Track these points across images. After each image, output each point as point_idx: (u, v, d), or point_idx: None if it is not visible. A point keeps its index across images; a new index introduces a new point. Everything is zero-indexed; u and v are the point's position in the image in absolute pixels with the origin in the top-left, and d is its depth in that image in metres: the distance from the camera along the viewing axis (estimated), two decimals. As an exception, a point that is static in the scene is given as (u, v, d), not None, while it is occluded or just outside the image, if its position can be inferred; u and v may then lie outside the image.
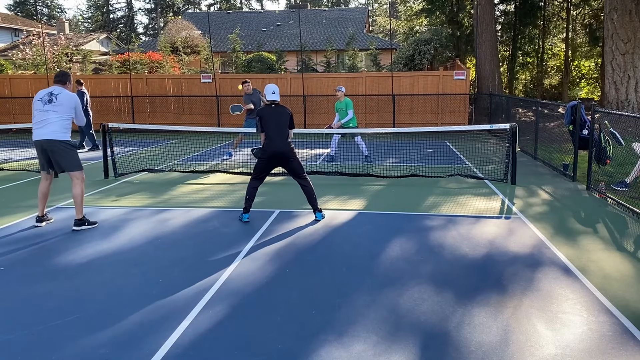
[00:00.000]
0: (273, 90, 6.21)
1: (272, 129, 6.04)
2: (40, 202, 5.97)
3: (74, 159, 5.83)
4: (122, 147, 12.91)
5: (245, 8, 58.46)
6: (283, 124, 6.07)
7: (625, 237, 5.42)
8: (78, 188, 5.82)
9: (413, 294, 4.01)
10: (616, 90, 14.29)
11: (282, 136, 6.03)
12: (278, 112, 6.10)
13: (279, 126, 6.05)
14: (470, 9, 23.97)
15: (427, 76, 16.93)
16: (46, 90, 5.83)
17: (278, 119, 6.06)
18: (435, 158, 11.11)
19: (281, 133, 6.04)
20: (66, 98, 5.77)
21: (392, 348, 3.20)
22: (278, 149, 6.01)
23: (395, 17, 33.87)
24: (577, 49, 27.52)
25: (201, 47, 24.87)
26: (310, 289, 4.13)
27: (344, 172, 8.97)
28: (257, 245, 5.24)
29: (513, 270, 4.46)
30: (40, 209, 6.00)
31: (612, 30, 14.14)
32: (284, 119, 6.09)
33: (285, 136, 6.07)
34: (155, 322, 3.55)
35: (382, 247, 5.14)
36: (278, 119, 6.06)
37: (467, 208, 6.70)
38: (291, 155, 6.12)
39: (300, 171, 6.21)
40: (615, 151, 7.82)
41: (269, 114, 6.07)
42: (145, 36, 59.52)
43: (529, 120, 15.93)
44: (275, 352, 3.16)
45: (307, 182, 6.23)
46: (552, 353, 3.12)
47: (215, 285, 4.19)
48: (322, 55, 23.87)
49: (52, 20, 53.83)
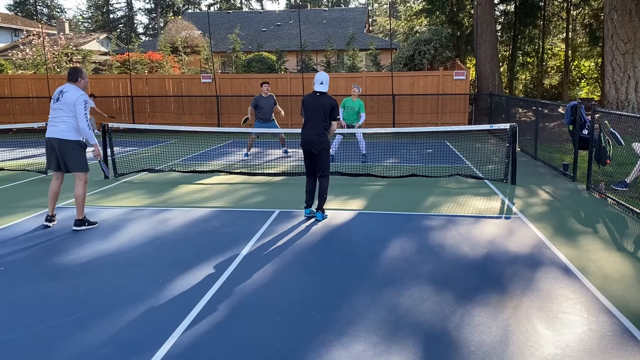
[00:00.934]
0: (321, 81, 6.18)
1: (308, 117, 6.13)
2: (50, 201, 5.96)
3: (80, 160, 5.79)
4: (122, 147, 12.92)
5: (245, 8, 58.45)
6: (320, 114, 6.06)
7: (625, 237, 5.42)
8: (80, 189, 5.80)
9: (413, 294, 4.01)
10: (616, 90, 14.29)
11: (315, 126, 6.06)
12: (319, 102, 6.09)
13: (316, 116, 6.08)
14: (470, 9, 23.97)
15: (427, 76, 16.93)
16: (60, 87, 5.83)
17: (316, 109, 6.08)
18: (435, 158, 11.11)
19: (316, 123, 6.07)
20: (68, 96, 5.65)
21: (392, 348, 3.20)
22: (306, 137, 6.09)
23: (395, 17, 33.87)
24: (577, 49, 27.52)
25: (201, 47, 24.88)
26: (310, 289, 4.13)
27: (344, 172, 8.97)
28: (257, 245, 5.24)
29: (513, 270, 4.46)
30: (50, 208, 5.99)
31: (612, 30, 14.14)
32: (322, 109, 6.07)
33: (321, 127, 6.07)
34: (155, 322, 3.56)
35: (382, 247, 5.14)
36: (316, 109, 6.08)
37: (467, 208, 6.70)
38: (319, 148, 6.11)
39: (321, 168, 6.20)
40: (615, 151, 7.82)
41: (309, 102, 6.13)
42: (145, 36, 59.54)
43: (529, 120, 15.93)
44: (275, 352, 3.16)
45: (323, 181, 6.24)
46: (552, 353, 3.12)
47: (215, 285, 4.19)
48: (322, 55, 23.87)
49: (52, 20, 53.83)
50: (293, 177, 8.92)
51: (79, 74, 5.77)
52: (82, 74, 5.79)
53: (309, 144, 6.11)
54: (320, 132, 6.09)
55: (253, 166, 10.21)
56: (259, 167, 10.14)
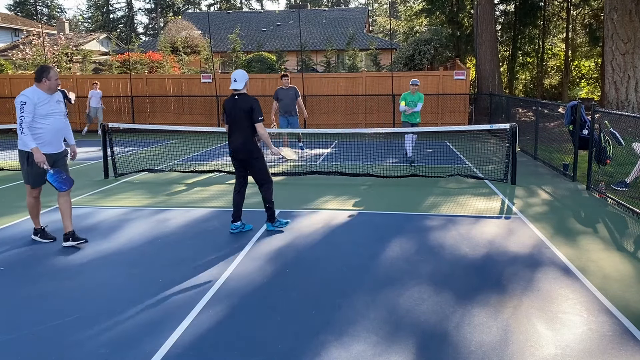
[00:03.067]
0: (234, 78, 5.36)
1: (230, 123, 5.39)
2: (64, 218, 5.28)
3: (23, 172, 5.21)
4: (122, 147, 12.92)
5: (245, 8, 58.46)
6: (242, 119, 5.28)
7: (625, 237, 5.42)
8: (26, 200, 5.31)
9: (413, 294, 4.01)
10: (616, 90, 14.29)
11: (240, 133, 5.33)
12: (237, 105, 5.31)
13: (238, 121, 5.29)
14: (470, 9, 23.97)
15: (427, 76, 16.93)
16: None
17: (236, 113, 5.30)
18: (435, 158, 11.11)
19: (240, 129, 5.32)
20: None
21: (392, 348, 3.20)
22: (233, 146, 5.41)
23: (395, 17, 33.86)
24: (577, 49, 27.51)
25: (201, 47, 24.87)
26: (310, 289, 4.13)
27: (344, 172, 8.97)
28: (257, 245, 5.24)
29: (513, 270, 4.46)
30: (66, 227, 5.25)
31: (612, 30, 14.14)
32: (242, 113, 5.27)
33: (246, 133, 5.31)
34: (155, 322, 3.55)
35: (382, 247, 5.14)
36: (236, 113, 5.30)
37: (467, 208, 6.70)
38: (248, 156, 5.39)
39: (257, 179, 5.53)
40: (615, 151, 7.82)
41: (229, 107, 5.38)
42: (145, 36, 59.54)
43: (529, 120, 15.94)
44: (275, 352, 3.16)
45: (264, 190, 5.55)
46: (552, 353, 3.12)
47: (215, 285, 4.19)
48: (322, 55, 23.86)
49: (52, 20, 53.83)
50: (293, 177, 8.92)
51: (42, 74, 4.96)
52: (46, 74, 4.94)
53: (237, 153, 5.43)
54: (247, 140, 5.34)
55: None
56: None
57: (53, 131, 5.00)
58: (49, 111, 4.97)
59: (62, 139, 5.21)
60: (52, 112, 5.00)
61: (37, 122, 4.92)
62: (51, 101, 5.01)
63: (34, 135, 4.90)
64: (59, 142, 5.13)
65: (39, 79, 4.97)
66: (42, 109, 4.90)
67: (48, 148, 5.01)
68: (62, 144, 5.19)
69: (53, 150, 5.07)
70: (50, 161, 5.00)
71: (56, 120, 5.05)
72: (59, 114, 5.09)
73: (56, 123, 5.05)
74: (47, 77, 4.96)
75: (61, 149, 5.18)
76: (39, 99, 4.89)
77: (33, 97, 4.85)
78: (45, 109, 4.92)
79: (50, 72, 4.98)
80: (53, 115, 5.01)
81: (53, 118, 5.01)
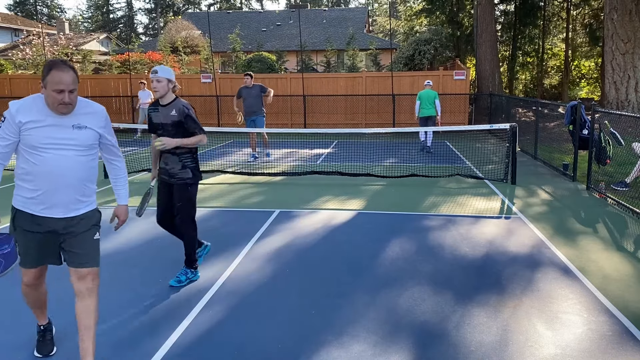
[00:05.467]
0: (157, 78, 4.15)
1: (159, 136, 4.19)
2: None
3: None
4: (122, 147, 12.91)
5: (245, 8, 58.45)
6: (170, 132, 4.12)
7: (625, 237, 5.42)
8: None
9: (413, 293, 4.01)
10: (616, 90, 14.29)
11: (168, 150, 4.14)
12: (164, 114, 4.13)
13: (165, 134, 4.13)
14: (470, 9, 23.97)
15: (427, 76, 16.92)
16: None
17: (164, 125, 4.14)
18: (435, 158, 11.11)
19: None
20: None
21: (392, 348, 3.20)
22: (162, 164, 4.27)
23: (395, 17, 33.86)
24: (577, 49, 27.51)
25: (201, 47, 24.87)
26: (310, 289, 4.13)
27: (344, 172, 8.97)
28: (257, 245, 5.24)
29: (513, 270, 4.46)
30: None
31: (612, 30, 14.14)
32: (170, 124, 4.11)
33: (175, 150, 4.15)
34: (155, 322, 3.55)
35: (382, 247, 5.14)
36: (164, 125, 4.14)
37: (467, 208, 6.70)
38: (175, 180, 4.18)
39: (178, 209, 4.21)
40: (615, 151, 7.82)
41: (155, 116, 4.22)
42: (145, 36, 59.53)
43: (529, 120, 15.93)
44: (275, 352, 3.16)
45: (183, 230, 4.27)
46: (552, 353, 3.12)
47: (215, 285, 4.19)
48: (322, 55, 23.86)
49: (52, 20, 53.83)
50: (293, 177, 8.92)
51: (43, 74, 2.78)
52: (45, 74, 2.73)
53: (164, 173, 4.21)
54: (176, 159, 4.12)
55: (253, 166, 10.21)
56: (259, 167, 10.13)
57: (51, 177, 2.78)
58: (47, 141, 2.76)
59: (80, 193, 2.89)
60: (54, 143, 2.77)
61: (24, 155, 2.83)
62: (58, 124, 2.79)
63: (22, 182, 2.87)
64: (65, 198, 2.84)
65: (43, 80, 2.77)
66: (33, 134, 2.74)
67: (39, 208, 2.83)
68: (77, 204, 2.90)
69: (51, 212, 2.85)
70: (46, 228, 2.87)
71: (61, 159, 2.78)
72: (67, 146, 2.80)
73: (59, 163, 2.78)
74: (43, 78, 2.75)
75: (72, 212, 2.89)
76: (30, 116, 2.75)
77: (20, 111, 2.75)
78: (39, 134, 2.74)
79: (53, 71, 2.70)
80: (55, 148, 2.77)
81: (54, 154, 2.77)
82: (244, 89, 10.55)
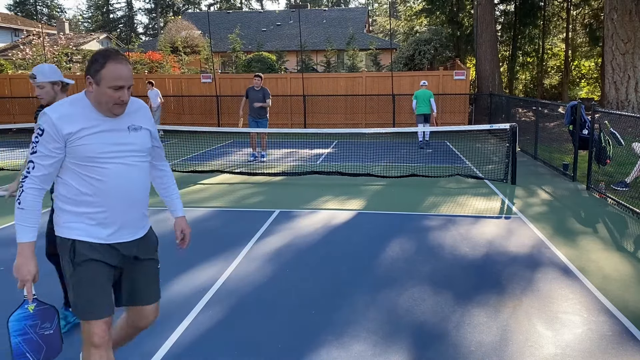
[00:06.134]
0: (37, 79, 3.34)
1: None
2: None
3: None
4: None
5: (245, 8, 58.46)
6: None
7: (625, 237, 5.42)
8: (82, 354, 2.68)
9: (413, 293, 4.01)
10: (616, 90, 14.29)
11: None
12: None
13: None
14: (470, 9, 23.97)
15: (427, 76, 16.92)
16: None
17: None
18: (435, 158, 11.11)
19: None
20: None
21: (392, 348, 3.20)
22: None
23: (395, 17, 33.87)
24: (577, 49, 27.53)
25: (201, 47, 24.87)
26: (310, 288, 4.13)
27: (344, 172, 8.97)
28: (257, 245, 5.24)
29: (513, 270, 4.47)
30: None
31: (612, 30, 14.14)
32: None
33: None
34: (155, 322, 3.55)
35: (382, 247, 5.14)
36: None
37: (466, 208, 6.70)
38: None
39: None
40: (615, 151, 7.82)
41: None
42: (145, 36, 59.54)
43: (529, 120, 15.94)
44: (275, 352, 3.16)
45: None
46: (552, 353, 3.12)
47: (215, 285, 4.19)
48: (322, 55, 23.87)
49: (52, 20, 53.84)
50: (293, 177, 8.92)
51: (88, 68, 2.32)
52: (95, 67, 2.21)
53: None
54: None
55: (253, 166, 10.21)
56: (259, 167, 10.13)
57: (118, 193, 2.28)
58: (107, 149, 2.25)
59: (145, 207, 2.43)
60: (115, 151, 2.27)
61: (76, 172, 2.24)
62: (114, 128, 2.28)
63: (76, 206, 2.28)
64: (135, 214, 2.37)
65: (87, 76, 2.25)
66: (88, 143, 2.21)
67: (105, 233, 2.30)
68: (143, 220, 2.43)
69: (120, 235, 2.34)
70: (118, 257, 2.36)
71: (125, 169, 2.29)
72: (128, 153, 2.31)
73: (125, 174, 2.29)
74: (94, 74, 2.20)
75: (140, 232, 2.42)
76: (79, 123, 2.21)
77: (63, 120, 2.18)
78: (96, 143, 2.22)
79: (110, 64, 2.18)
80: (117, 157, 2.27)
81: (117, 163, 2.27)
82: (252, 90, 10.66)
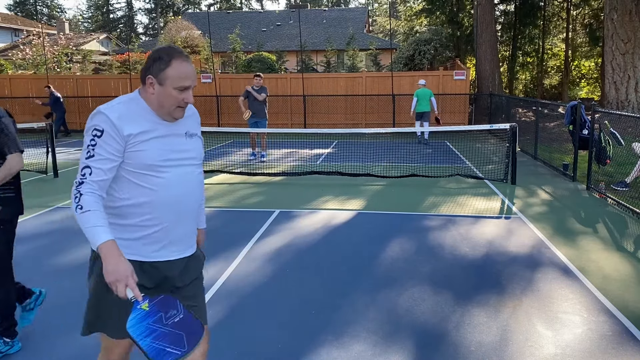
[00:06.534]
0: None
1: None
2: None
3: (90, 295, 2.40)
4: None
5: (245, 8, 58.46)
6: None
7: (625, 237, 5.42)
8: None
9: (413, 294, 4.01)
10: (616, 90, 14.29)
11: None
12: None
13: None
14: (470, 9, 23.97)
15: (427, 76, 16.92)
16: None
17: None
18: (435, 158, 11.11)
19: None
20: None
21: (392, 348, 3.20)
22: None
23: (395, 17, 33.87)
24: (577, 49, 27.53)
25: (201, 47, 24.86)
26: (310, 289, 4.13)
27: (344, 172, 8.97)
28: (257, 245, 5.24)
29: (513, 270, 4.46)
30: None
31: (612, 30, 14.14)
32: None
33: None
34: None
35: (382, 247, 5.14)
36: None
37: (466, 208, 6.70)
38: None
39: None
40: (615, 151, 7.82)
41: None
42: (145, 36, 59.53)
43: (529, 120, 15.93)
44: (275, 352, 3.16)
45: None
46: (552, 353, 3.12)
47: (215, 286, 4.19)
48: (322, 55, 23.86)
49: (52, 20, 53.84)
50: (293, 177, 8.92)
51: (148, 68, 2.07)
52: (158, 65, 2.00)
53: None
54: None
55: (253, 166, 10.21)
56: (259, 167, 10.13)
57: (173, 205, 2.05)
58: (167, 156, 2.03)
59: (196, 222, 2.21)
60: (174, 159, 2.05)
61: (128, 180, 2.00)
62: (172, 133, 2.07)
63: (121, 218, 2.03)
64: (187, 229, 2.15)
65: (143, 78, 2.03)
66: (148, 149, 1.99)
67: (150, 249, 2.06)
68: (193, 236, 2.20)
69: (167, 252, 2.09)
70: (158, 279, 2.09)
71: (182, 179, 2.07)
72: (186, 161, 2.10)
73: (183, 184, 2.07)
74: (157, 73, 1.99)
75: (189, 249, 2.18)
76: (139, 126, 1.98)
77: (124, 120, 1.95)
78: (155, 149, 2.00)
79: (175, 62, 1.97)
80: (175, 165, 2.05)
81: (176, 172, 2.05)
82: (252, 90, 10.66)
